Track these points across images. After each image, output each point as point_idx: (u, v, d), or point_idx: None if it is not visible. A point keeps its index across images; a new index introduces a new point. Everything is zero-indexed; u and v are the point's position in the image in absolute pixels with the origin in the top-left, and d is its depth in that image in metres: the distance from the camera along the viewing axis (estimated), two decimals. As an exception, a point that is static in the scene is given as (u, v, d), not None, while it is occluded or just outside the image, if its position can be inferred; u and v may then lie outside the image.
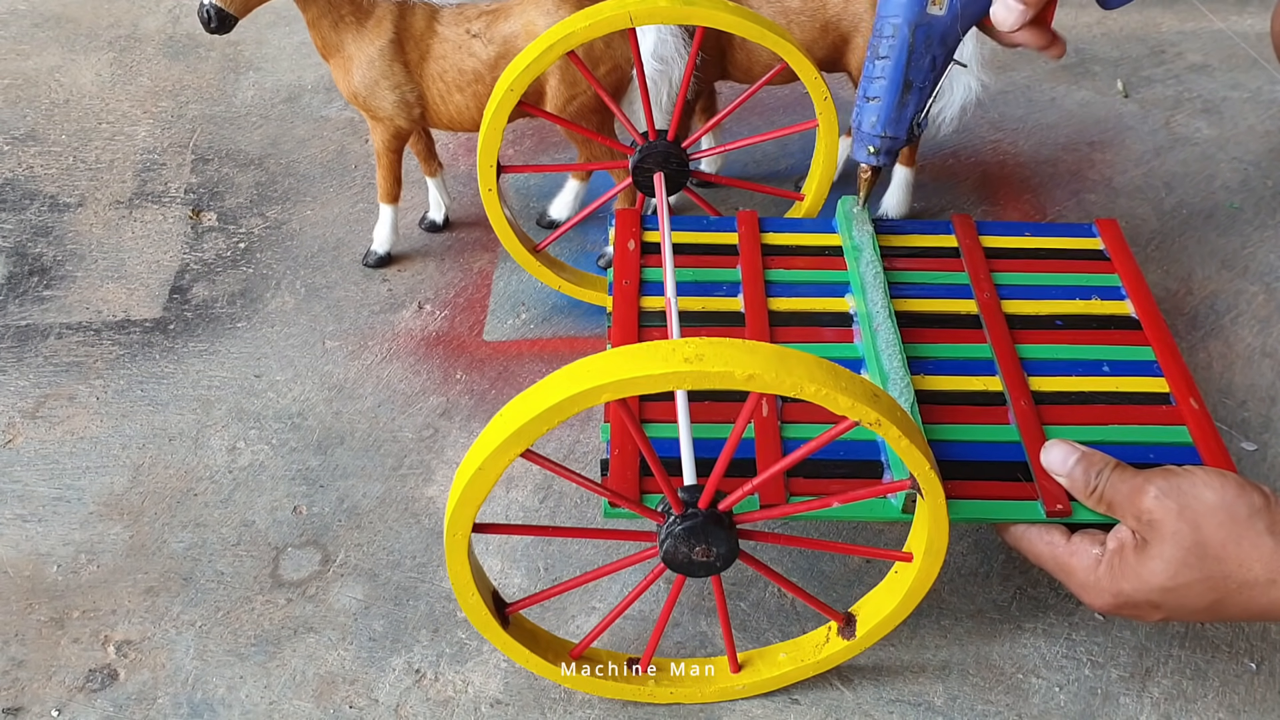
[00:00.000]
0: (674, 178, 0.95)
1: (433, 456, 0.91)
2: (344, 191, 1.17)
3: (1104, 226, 0.92)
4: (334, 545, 0.85)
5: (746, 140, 1.01)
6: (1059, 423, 0.77)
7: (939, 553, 0.68)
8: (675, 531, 0.66)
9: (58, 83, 1.33)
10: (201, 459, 0.91)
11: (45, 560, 0.84)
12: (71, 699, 0.76)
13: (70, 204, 1.16)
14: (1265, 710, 0.75)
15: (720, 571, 0.68)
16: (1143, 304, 0.86)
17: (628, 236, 0.91)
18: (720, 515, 0.66)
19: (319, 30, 0.96)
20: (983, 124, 1.22)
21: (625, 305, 0.85)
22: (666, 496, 0.67)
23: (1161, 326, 0.84)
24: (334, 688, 0.77)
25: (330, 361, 0.99)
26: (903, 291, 0.86)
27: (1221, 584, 0.64)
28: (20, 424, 0.94)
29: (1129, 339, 0.83)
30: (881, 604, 0.72)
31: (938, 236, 0.92)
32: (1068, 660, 0.77)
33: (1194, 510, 0.64)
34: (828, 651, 0.74)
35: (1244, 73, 1.29)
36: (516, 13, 0.95)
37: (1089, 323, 0.85)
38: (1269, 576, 0.63)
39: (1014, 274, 0.88)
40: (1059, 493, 0.71)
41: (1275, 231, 1.09)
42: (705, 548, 0.67)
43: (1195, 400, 0.78)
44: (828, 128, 0.93)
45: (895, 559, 0.70)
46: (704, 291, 0.87)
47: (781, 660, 0.75)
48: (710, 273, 0.89)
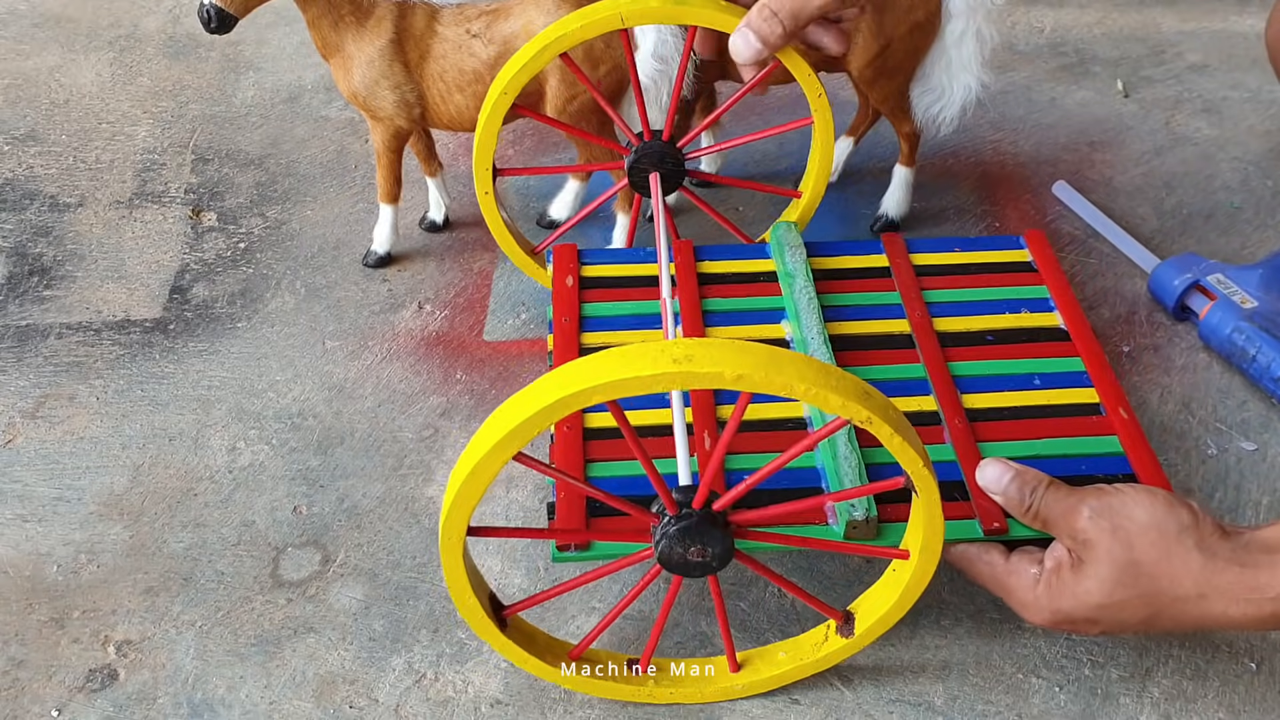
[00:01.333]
0: (670, 177, 0.95)
1: (433, 456, 0.91)
2: (344, 191, 1.17)
3: (1031, 238, 0.94)
4: (334, 545, 0.85)
5: (742, 139, 1.01)
6: (993, 439, 0.78)
7: (935, 550, 0.68)
8: (670, 532, 0.66)
9: (58, 83, 1.33)
10: (201, 459, 0.91)
11: (45, 560, 0.84)
12: (71, 699, 0.76)
13: (70, 204, 1.16)
14: (1265, 710, 0.75)
15: (716, 571, 0.68)
16: (1070, 315, 0.87)
17: (565, 272, 0.91)
18: (715, 515, 0.66)
19: (319, 30, 0.96)
20: (983, 124, 1.22)
21: (565, 342, 0.86)
22: (660, 498, 0.67)
23: (1089, 337, 0.85)
24: (334, 688, 0.77)
25: (330, 361, 0.99)
26: (837, 314, 0.88)
27: (1155, 600, 0.66)
28: (20, 424, 0.94)
29: (1058, 350, 0.85)
30: (879, 602, 0.72)
31: (869, 256, 0.93)
32: (1068, 660, 0.77)
33: (1126, 530, 0.66)
34: (826, 650, 0.74)
35: (1244, 72, 1.29)
36: (516, 12, 0.95)
37: (1019, 336, 0.86)
38: (1198, 591, 0.65)
39: (944, 290, 0.90)
40: (995, 511, 0.73)
41: (1275, 231, 1.09)
42: (700, 548, 0.67)
43: (1125, 410, 0.80)
44: (823, 125, 0.93)
45: (892, 556, 0.70)
46: (645, 324, 0.88)
47: (781, 659, 0.75)
48: (648, 305, 0.89)
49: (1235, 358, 0.94)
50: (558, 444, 0.78)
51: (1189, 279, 0.98)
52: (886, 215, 1.09)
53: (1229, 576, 0.64)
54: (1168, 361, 0.97)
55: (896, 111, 1.03)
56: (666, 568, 0.68)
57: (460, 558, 0.67)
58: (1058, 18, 1.39)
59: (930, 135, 1.04)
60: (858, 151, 1.15)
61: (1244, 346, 0.93)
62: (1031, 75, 1.30)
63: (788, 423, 0.80)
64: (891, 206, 1.08)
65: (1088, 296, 1.03)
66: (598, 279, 0.91)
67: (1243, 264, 1.01)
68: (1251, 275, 0.98)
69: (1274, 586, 0.63)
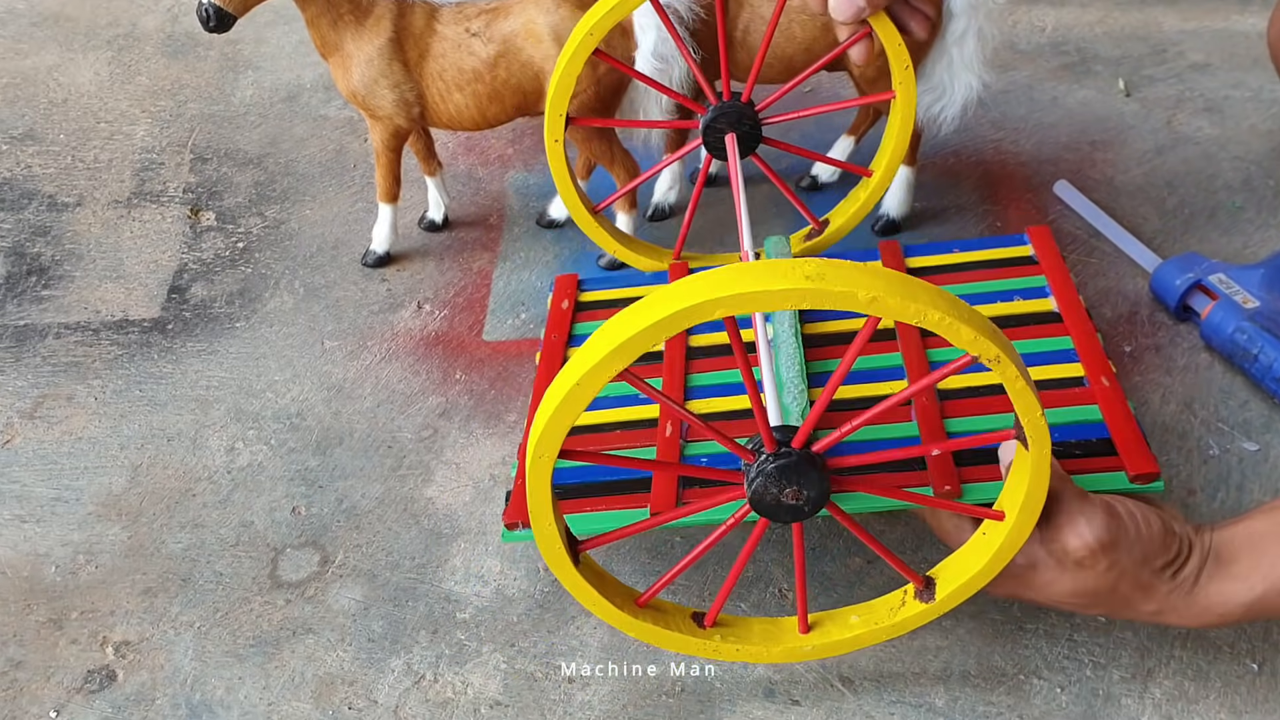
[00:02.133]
0: (746, 140, 0.92)
1: (432, 457, 0.91)
2: (343, 191, 1.17)
3: (1035, 234, 0.93)
4: (333, 546, 0.85)
5: (818, 108, 0.96)
6: (962, 415, 0.78)
7: (1035, 510, 0.65)
8: (768, 470, 0.63)
9: (56, 82, 1.32)
10: (200, 459, 0.91)
11: (44, 561, 0.84)
12: (70, 700, 0.76)
13: (69, 203, 1.15)
14: (1267, 711, 0.74)
15: (807, 518, 0.65)
16: (1066, 299, 0.86)
17: (563, 297, 0.95)
18: (814, 456, 0.64)
19: (318, 29, 0.95)
20: (984, 123, 1.22)
21: (551, 357, 0.88)
22: (761, 433, 0.63)
23: (1083, 318, 0.84)
24: (333, 689, 0.76)
25: (329, 361, 0.99)
26: (820, 315, 0.87)
27: (1117, 609, 0.70)
28: (18, 424, 0.94)
29: (1049, 331, 0.84)
30: (965, 567, 0.69)
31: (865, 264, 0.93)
32: (1069, 661, 0.77)
33: (1119, 567, 0.67)
34: (903, 615, 0.71)
35: (1246, 72, 1.29)
36: (516, 11, 0.95)
37: (1008, 322, 0.85)
38: (1157, 608, 0.69)
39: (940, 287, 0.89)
40: (949, 473, 0.73)
41: (1277, 231, 1.09)
42: (796, 489, 0.64)
43: (1107, 378, 0.79)
44: (905, 99, 0.90)
45: (987, 516, 0.67)
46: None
47: (854, 623, 0.71)
48: None
49: (1237, 357, 0.94)
50: None
51: (1191, 279, 0.98)
52: (887, 215, 1.08)
53: (1186, 601, 0.68)
54: (1169, 361, 0.97)
55: (898, 110, 1.03)
56: (757, 509, 0.65)
57: (548, 479, 0.62)
58: (1059, 17, 1.38)
59: (932, 134, 1.04)
60: (859, 150, 1.15)
61: (1246, 346, 0.93)
62: (1033, 74, 1.30)
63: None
64: (892, 206, 1.08)
65: (1089, 296, 1.02)
66: (593, 303, 0.94)
67: (1245, 263, 1.01)
68: (1253, 275, 0.98)
69: (1220, 605, 0.68)
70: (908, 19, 0.86)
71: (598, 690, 0.76)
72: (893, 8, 0.84)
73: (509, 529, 0.74)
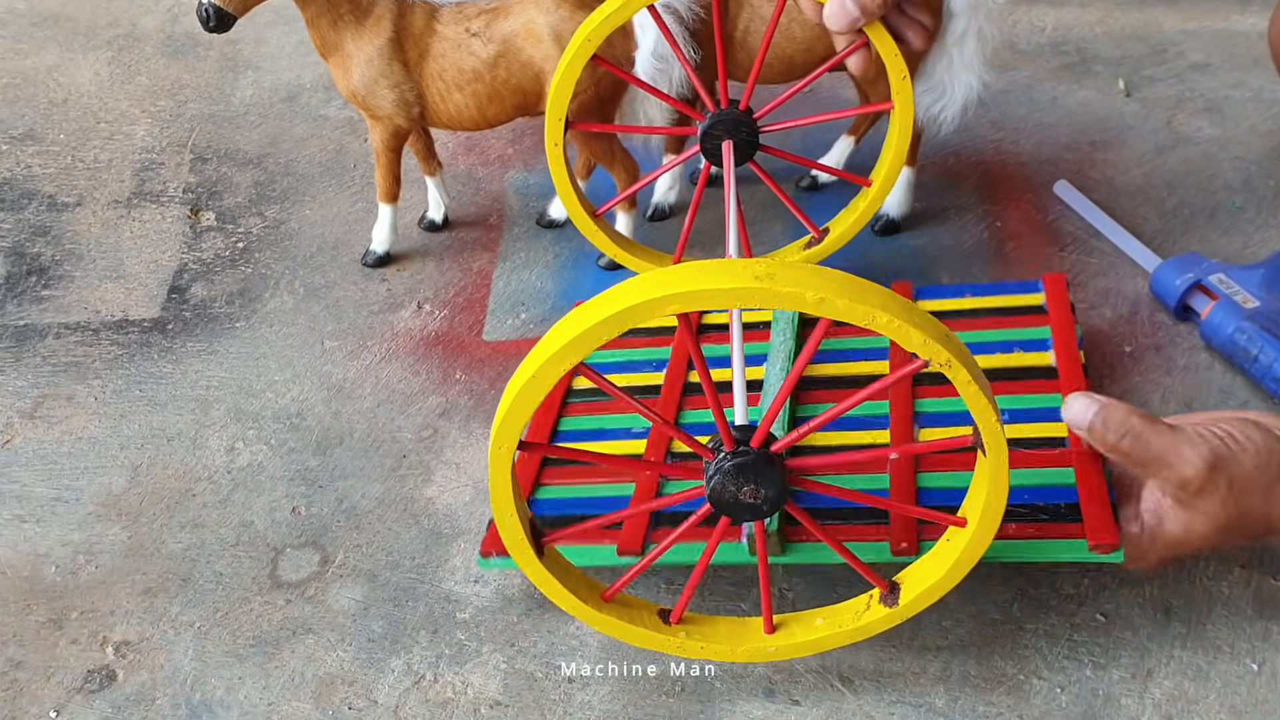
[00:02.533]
0: (743, 147, 0.91)
1: (432, 457, 0.91)
2: (343, 191, 1.17)
3: (1050, 282, 0.92)
4: (333, 546, 0.85)
5: (816, 118, 0.96)
6: (934, 470, 0.77)
7: (995, 518, 0.65)
8: (725, 468, 0.64)
9: (56, 82, 1.32)
10: (200, 459, 0.91)
11: (43, 561, 0.84)
12: (70, 700, 0.76)
13: (68, 203, 1.15)
14: (1267, 712, 0.74)
15: (766, 516, 0.66)
16: (1065, 355, 0.85)
17: None
18: (772, 456, 0.64)
19: (318, 29, 0.95)
20: (984, 123, 1.22)
21: None
22: (719, 430, 0.64)
23: (1078, 376, 0.83)
24: (333, 689, 0.76)
25: (329, 361, 0.99)
26: (819, 358, 0.87)
27: (1251, 532, 0.71)
28: (18, 424, 0.94)
29: (1039, 388, 0.83)
30: (928, 572, 0.70)
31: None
32: (1069, 661, 0.77)
33: (1240, 482, 0.68)
34: (867, 619, 0.71)
35: (1246, 72, 1.29)
36: (516, 11, 0.95)
37: (1002, 375, 0.85)
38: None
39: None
40: (909, 534, 0.72)
41: (1278, 231, 1.09)
42: (754, 488, 0.64)
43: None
44: (903, 109, 0.90)
45: (949, 523, 0.68)
46: (631, 369, 0.90)
47: (819, 625, 0.72)
48: (640, 352, 0.92)
49: (1237, 358, 0.94)
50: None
51: (1191, 279, 0.98)
52: (887, 215, 1.08)
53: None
54: (1169, 362, 0.97)
55: (898, 111, 1.03)
56: (716, 507, 0.65)
57: (509, 471, 0.63)
58: (1059, 16, 1.38)
59: (931, 134, 1.04)
60: (859, 151, 1.15)
61: (1246, 346, 0.93)
62: (1033, 74, 1.30)
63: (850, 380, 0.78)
64: (892, 206, 1.08)
65: (1089, 296, 1.02)
66: None
67: (1245, 264, 1.01)
68: (1253, 275, 0.98)
69: None
70: (905, 29, 0.86)
71: (598, 690, 0.76)
72: (889, 18, 0.84)
73: (484, 557, 0.77)
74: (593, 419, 0.88)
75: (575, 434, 0.87)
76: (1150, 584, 0.81)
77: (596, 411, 0.88)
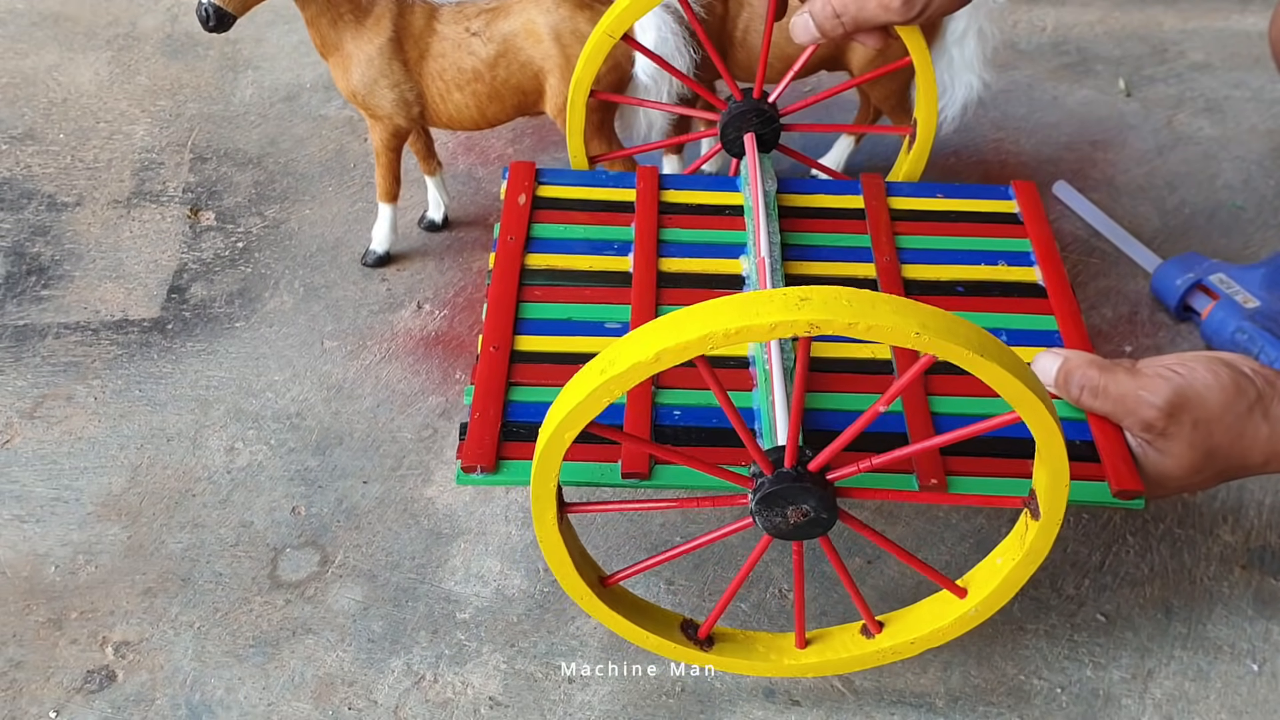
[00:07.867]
0: (766, 136, 0.91)
1: (432, 457, 0.91)
2: (343, 190, 1.16)
3: (1021, 189, 0.90)
4: (333, 546, 0.85)
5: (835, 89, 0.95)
6: (940, 393, 0.74)
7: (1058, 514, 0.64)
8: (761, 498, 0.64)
9: (56, 81, 1.32)
10: (200, 459, 0.91)
11: (43, 561, 0.84)
12: (70, 700, 0.76)
13: (68, 203, 1.15)
14: (1267, 712, 0.74)
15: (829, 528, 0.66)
16: (1051, 271, 0.83)
17: (519, 191, 0.88)
18: (805, 474, 0.64)
19: (317, 28, 0.95)
20: (984, 123, 1.22)
21: (508, 262, 0.82)
22: (755, 460, 0.64)
23: (1068, 296, 0.81)
24: (333, 689, 0.76)
25: (329, 361, 0.99)
26: (801, 254, 0.83)
27: (1225, 470, 0.70)
28: (18, 424, 0.94)
29: (1032, 307, 0.81)
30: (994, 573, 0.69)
31: (844, 197, 0.89)
32: (1069, 661, 0.77)
33: (1205, 422, 0.68)
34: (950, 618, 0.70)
35: (1246, 72, 1.29)
36: (516, 10, 0.95)
37: (991, 289, 0.82)
38: (1264, 459, 0.70)
39: (919, 237, 0.86)
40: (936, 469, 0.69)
41: (1278, 231, 1.09)
42: (799, 509, 0.64)
43: None
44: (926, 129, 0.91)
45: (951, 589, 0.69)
46: (594, 250, 0.84)
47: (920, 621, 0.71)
48: (602, 230, 0.86)
49: (1237, 358, 0.94)
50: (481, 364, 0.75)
51: (1191, 279, 0.98)
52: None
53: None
54: (1170, 361, 0.97)
55: (898, 110, 1.03)
56: (777, 536, 0.66)
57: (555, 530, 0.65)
58: (1059, 16, 1.38)
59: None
60: (859, 150, 1.15)
61: (1246, 346, 0.93)
62: (1033, 74, 1.30)
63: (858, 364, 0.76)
64: (892, 206, 1.08)
65: (1089, 296, 1.02)
66: (552, 200, 0.88)
67: (1245, 263, 1.01)
68: (1254, 275, 0.98)
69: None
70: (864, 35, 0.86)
71: (598, 690, 0.76)
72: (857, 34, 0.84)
73: (465, 471, 0.70)
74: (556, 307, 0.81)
75: (539, 323, 0.80)
76: (1151, 584, 0.82)
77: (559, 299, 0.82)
